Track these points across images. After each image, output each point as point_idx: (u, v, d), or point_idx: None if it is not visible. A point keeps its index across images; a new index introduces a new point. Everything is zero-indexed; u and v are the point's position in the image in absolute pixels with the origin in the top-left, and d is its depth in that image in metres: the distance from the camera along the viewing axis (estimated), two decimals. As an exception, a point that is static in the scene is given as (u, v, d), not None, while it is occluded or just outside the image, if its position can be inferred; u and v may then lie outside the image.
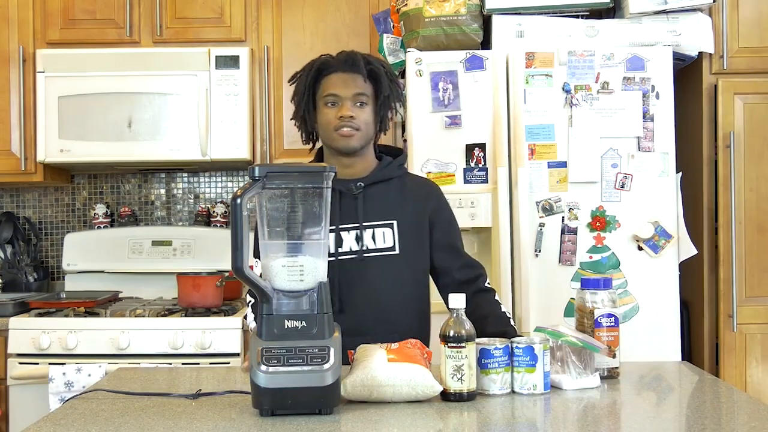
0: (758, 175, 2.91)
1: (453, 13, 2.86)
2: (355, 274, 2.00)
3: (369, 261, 2.01)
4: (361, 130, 2.01)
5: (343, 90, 2.01)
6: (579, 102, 2.74)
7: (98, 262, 3.46)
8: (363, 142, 2.04)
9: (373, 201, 2.04)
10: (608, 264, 2.74)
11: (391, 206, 2.05)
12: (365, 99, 2.02)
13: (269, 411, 1.51)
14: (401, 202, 2.06)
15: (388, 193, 2.06)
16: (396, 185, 2.08)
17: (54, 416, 1.54)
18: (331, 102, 2.02)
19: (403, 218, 2.05)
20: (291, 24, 3.33)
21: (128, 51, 3.25)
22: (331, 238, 1.99)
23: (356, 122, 2.00)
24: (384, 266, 2.02)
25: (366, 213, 2.03)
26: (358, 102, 2.01)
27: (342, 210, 2.02)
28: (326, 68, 2.05)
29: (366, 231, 2.02)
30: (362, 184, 2.04)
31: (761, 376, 2.88)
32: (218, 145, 3.21)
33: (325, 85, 2.04)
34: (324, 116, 2.03)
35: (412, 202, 2.08)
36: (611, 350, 1.80)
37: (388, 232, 2.03)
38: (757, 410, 1.56)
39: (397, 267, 2.03)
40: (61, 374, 2.77)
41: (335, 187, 2.00)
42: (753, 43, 2.96)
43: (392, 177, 2.08)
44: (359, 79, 2.02)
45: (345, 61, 2.03)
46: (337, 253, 2.00)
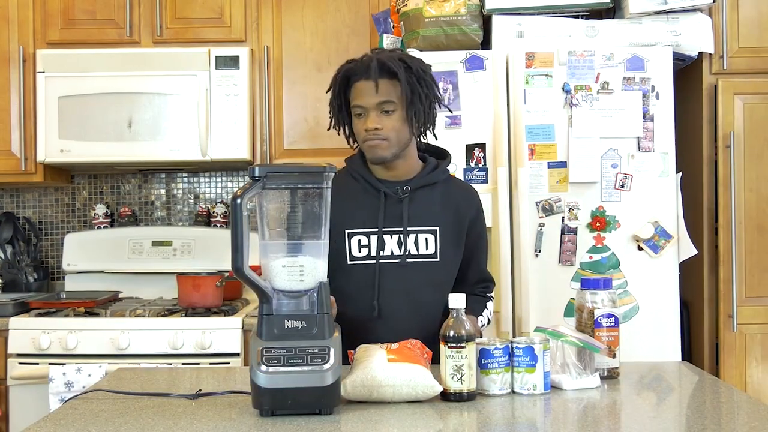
0: (758, 175, 2.91)
1: (453, 13, 2.86)
2: (396, 279, 1.97)
3: (411, 267, 1.98)
4: (390, 140, 1.95)
5: (366, 100, 1.94)
6: (579, 102, 2.74)
7: (98, 262, 3.46)
8: (394, 150, 1.97)
9: (417, 205, 2.01)
10: (608, 264, 2.74)
11: (435, 212, 2.02)
12: (391, 106, 1.94)
13: (269, 411, 1.51)
14: (444, 208, 2.03)
15: (432, 198, 2.03)
16: (440, 190, 2.05)
17: (54, 416, 1.54)
18: (358, 113, 1.97)
19: (445, 225, 2.02)
20: (291, 24, 3.33)
21: (128, 51, 3.24)
22: (373, 240, 1.98)
23: (382, 133, 1.94)
24: (425, 273, 1.99)
25: (410, 217, 1.99)
26: (382, 110, 1.94)
27: (386, 212, 1.99)
28: (352, 75, 1.98)
29: (409, 236, 1.99)
30: (408, 188, 2.00)
31: (761, 376, 2.88)
32: (218, 145, 3.20)
33: (352, 94, 1.98)
34: (354, 126, 1.99)
35: (455, 209, 2.05)
36: (611, 350, 1.80)
37: (431, 239, 2.01)
38: (757, 410, 1.56)
39: (437, 274, 2.01)
40: (61, 374, 2.76)
41: (380, 188, 2.00)
42: (753, 43, 2.96)
43: (438, 181, 2.05)
44: (379, 85, 1.94)
45: (367, 69, 1.95)
46: (379, 256, 1.98)
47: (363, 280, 1.98)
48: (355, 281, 1.99)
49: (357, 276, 1.98)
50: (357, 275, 1.98)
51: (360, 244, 1.99)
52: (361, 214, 2.00)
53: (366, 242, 1.99)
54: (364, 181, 2.03)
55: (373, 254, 1.98)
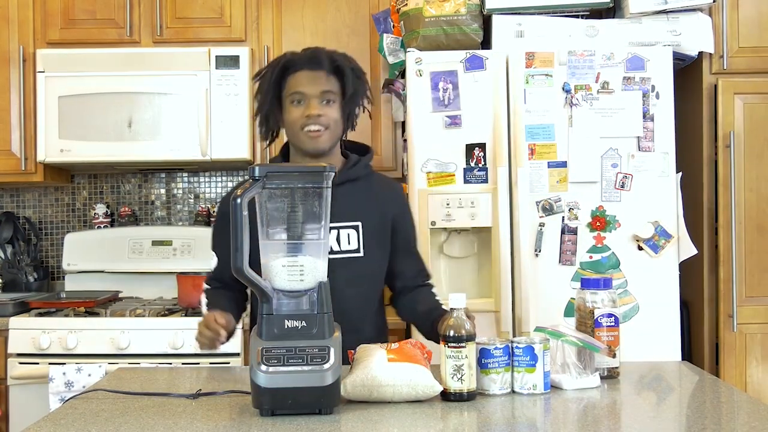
0: (758, 175, 2.91)
1: (453, 13, 2.86)
2: None
3: (333, 263, 1.92)
4: (330, 129, 1.97)
5: (309, 88, 1.95)
6: (579, 102, 2.74)
7: (98, 262, 3.45)
8: (331, 142, 1.99)
9: (339, 201, 1.95)
10: (608, 264, 2.74)
11: (357, 207, 2.01)
12: (332, 96, 1.97)
13: (269, 411, 1.51)
14: (367, 203, 2.03)
15: (354, 194, 2.02)
16: (362, 185, 2.04)
17: (54, 416, 1.54)
18: (297, 100, 1.96)
19: (368, 220, 2.01)
20: (291, 24, 3.33)
21: (128, 51, 3.24)
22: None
23: (323, 120, 1.95)
24: (348, 269, 1.97)
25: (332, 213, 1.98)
26: (324, 100, 1.96)
27: None
28: (291, 66, 1.99)
29: (331, 231, 1.96)
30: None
31: (761, 376, 2.88)
32: (218, 145, 3.20)
33: (290, 83, 1.98)
34: (290, 114, 1.98)
35: (378, 203, 2.04)
36: (611, 350, 1.80)
37: (353, 234, 2.00)
38: (757, 410, 1.56)
39: (360, 269, 2.00)
40: (61, 374, 2.77)
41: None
42: (753, 43, 2.96)
43: (359, 177, 2.04)
44: (324, 76, 1.97)
45: (310, 59, 1.98)
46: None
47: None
48: None
49: None
50: None
51: None
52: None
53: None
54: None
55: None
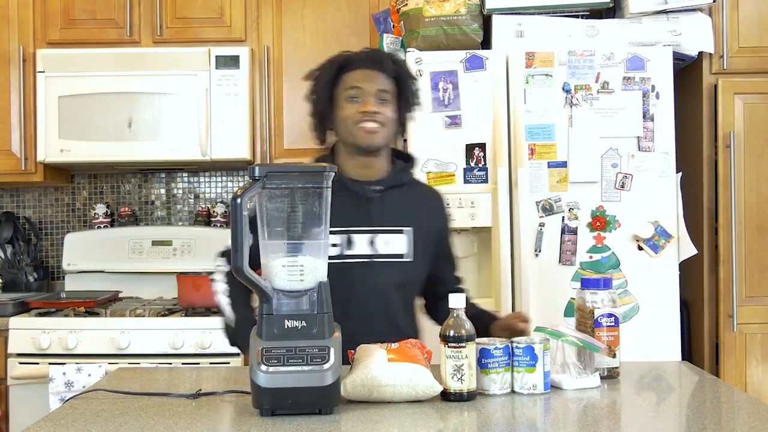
0: (758, 175, 2.91)
1: (453, 13, 2.86)
2: (364, 278, 1.95)
3: (380, 266, 1.96)
4: (385, 127, 1.95)
5: (367, 84, 1.94)
6: (579, 102, 2.74)
7: (98, 262, 3.46)
8: (386, 140, 1.97)
9: (388, 205, 1.99)
10: (608, 264, 2.74)
11: (406, 212, 2.00)
12: (388, 97, 1.96)
13: (269, 411, 1.51)
14: (416, 208, 2.03)
15: (403, 199, 2.02)
16: (410, 191, 2.04)
17: (54, 416, 1.54)
18: (353, 96, 1.94)
19: (417, 225, 2.01)
20: (291, 24, 3.33)
21: (128, 51, 3.24)
22: (342, 239, 1.95)
23: (380, 117, 1.93)
24: (395, 272, 1.98)
25: (381, 217, 1.98)
26: (380, 99, 1.94)
27: (356, 212, 1.96)
28: (349, 64, 1.98)
29: (379, 235, 1.97)
30: (379, 188, 1.98)
31: (761, 376, 2.88)
32: (218, 145, 3.20)
33: (346, 80, 1.96)
34: (344, 111, 1.95)
35: (426, 211, 2.05)
36: (611, 350, 1.80)
37: (402, 239, 1.99)
38: (757, 410, 1.56)
39: (407, 273, 2.00)
40: (61, 374, 2.76)
41: (350, 187, 1.97)
42: (753, 43, 2.96)
43: (405, 183, 2.04)
44: (383, 76, 1.95)
45: (369, 58, 1.97)
46: (344, 255, 1.95)
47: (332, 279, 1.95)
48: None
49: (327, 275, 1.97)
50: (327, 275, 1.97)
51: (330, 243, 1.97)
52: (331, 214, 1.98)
53: (337, 241, 1.96)
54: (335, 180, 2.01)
55: (341, 253, 1.95)
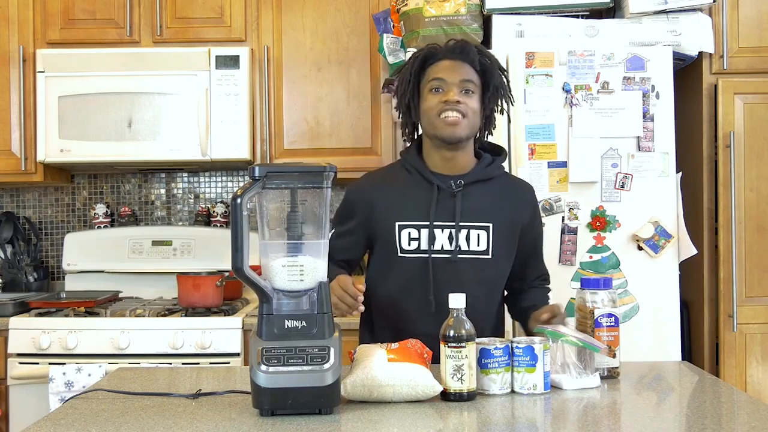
0: (758, 175, 2.91)
1: (453, 13, 2.86)
2: (447, 274, 1.95)
3: (462, 262, 1.95)
4: (468, 118, 1.92)
5: (450, 75, 1.92)
6: (579, 102, 2.74)
7: (98, 262, 3.46)
8: (469, 132, 1.94)
9: (471, 200, 1.97)
10: (608, 264, 2.74)
11: (488, 208, 1.98)
12: (473, 87, 1.93)
13: (269, 411, 1.51)
14: (499, 204, 2.00)
15: (486, 194, 1.99)
16: (495, 186, 2.01)
17: (54, 416, 1.54)
18: (436, 87, 1.93)
19: (498, 221, 1.99)
20: (291, 24, 3.33)
21: (128, 51, 3.24)
22: (424, 234, 1.96)
23: (462, 107, 1.90)
24: (476, 269, 1.97)
25: (463, 212, 1.96)
26: (464, 89, 1.92)
27: (438, 206, 1.96)
28: (433, 56, 1.96)
29: (461, 231, 1.96)
30: (462, 182, 1.97)
31: (761, 376, 2.88)
32: (218, 145, 3.20)
33: (431, 71, 1.95)
34: (428, 102, 1.94)
35: (510, 205, 2.02)
36: (611, 350, 1.80)
37: (483, 235, 1.97)
38: (757, 410, 1.56)
39: (488, 271, 1.99)
40: (61, 374, 2.76)
41: (433, 181, 1.97)
42: (753, 43, 2.96)
43: (492, 177, 2.01)
44: (468, 67, 1.93)
45: (454, 49, 1.95)
46: (430, 251, 1.95)
47: (414, 274, 1.97)
48: (406, 274, 1.97)
49: (408, 269, 1.97)
50: (407, 268, 1.97)
51: (410, 236, 1.97)
52: (413, 207, 1.98)
53: (416, 235, 1.96)
54: (418, 174, 2.00)
55: (424, 248, 1.95)
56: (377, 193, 2.03)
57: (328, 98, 3.31)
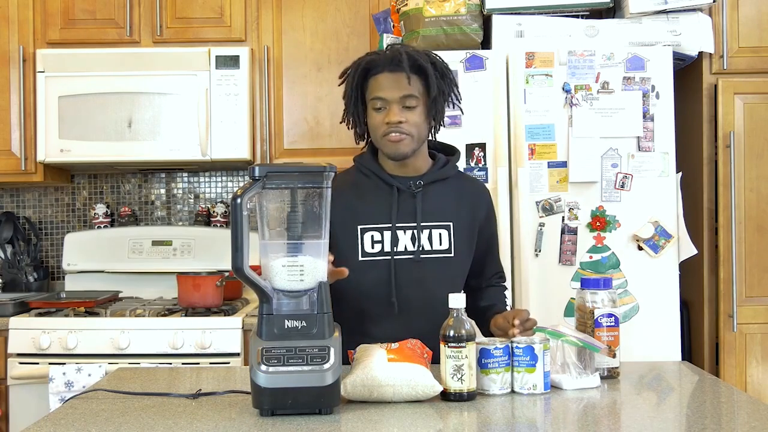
0: (758, 175, 2.91)
1: (453, 13, 2.86)
2: (411, 275, 1.96)
3: (425, 262, 1.97)
4: (411, 135, 1.93)
5: (390, 92, 1.92)
6: (579, 102, 2.74)
7: (98, 262, 3.46)
8: (415, 146, 1.96)
9: (430, 200, 2.00)
10: (608, 264, 2.74)
11: (448, 207, 2.01)
12: (414, 101, 1.93)
13: (269, 411, 1.51)
14: (457, 203, 2.03)
15: (445, 194, 2.02)
16: (452, 185, 2.04)
17: (54, 416, 1.54)
18: (378, 107, 1.94)
19: (458, 220, 2.01)
20: (291, 24, 3.33)
21: (128, 51, 3.24)
22: (387, 236, 1.97)
23: (405, 127, 1.92)
24: (440, 268, 1.98)
25: (424, 212, 1.98)
26: (405, 105, 1.92)
27: (400, 208, 1.97)
28: (372, 67, 1.96)
29: (423, 231, 1.98)
30: (421, 183, 1.99)
31: (761, 376, 2.88)
32: (218, 145, 3.20)
33: (372, 86, 1.95)
34: (372, 120, 1.96)
35: (468, 204, 2.04)
36: (611, 350, 1.80)
37: (444, 234, 1.99)
38: (757, 410, 1.56)
39: (451, 269, 2.00)
40: (61, 374, 2.76)
41: (392, 183, 1.99)
42: (753, 43, 2.96)
43: (448, 177, 2.04)
44: (404, 78, 1.92)
45: (391, 60, 1.93)
46: (393, 252, 1.96)
47: (377, 276, 1.97)
48: (368, 277, 1.97)
49: (370, 272, 1.97)
50: (370, 271, 1.97)
51: (373, 239, 1.98)
52: (374, 210, 1.99)
53: (379, 238, 1.97)
54: (376, 177, 2.02)
55: (387, 250, 1.96)
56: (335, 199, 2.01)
57: (328, 98, 3.31)
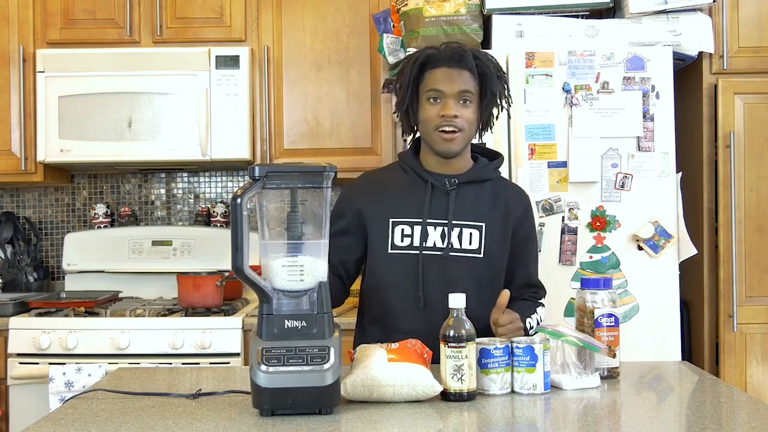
0: (758, 175, 2.91)
1: (453, 13, 2.86)
2: (438, 271, 1.96)
3: (453, 260, 1.97)
4: (464, 131, 1.94)
5: (448, 86, 1.92)
6: (579, 102, 2.74)
7: (98, 262, 3.46)
8: (464, 144, 1.97)
9: (464, 200, 2.00)
10: (608, 264, 2.74)
11: (481, 208, 2.01)
12: (470, 96, 1.94)
13: (269, 411, 1.51)
14: (492, 205, 2.02)
15: (480, 195, 2.02)
16: (489, 188, 2.04)
17: (54, 416, 1.54)
18: (434, 98, 1.94)
19: (492, 222, 2.01)
20: (291, 24, 3.33)
21: (128, 51, 3.24)
22: (417, 230, 1.98)
23: (459, 122, 1.93)
24: (467, 267, 1.98)
25: (456, 211, 1.99)
26: (462, 99, 1.93)
27: (432, 204, 1.99)
28: (431, 61, 1.96)
29: (454, 229, 1.98)
30: (456, 181, 1.99)
31: (761, 376, 2.88)
32: (218, 145, 3.20)
33: (429, 79, 1.96)
34: (425, 112, 1.96)
35: (503, 207, 2.04)
36: (611, 350, 1.80)
37: (475, 234, 1.99)
38: (757, 410, 1.56)
39: (479, 270, 2.00)
40: (61, 374, 2.76)
41: (427, 179, 2.00)
42: (753, 43, 2.96)
43: (486, 179, 2.04)
44: (465, 74, 1.93)
45: (452, 56, 1.94)
46: (422, 247, 1.97)
47: (404, 270, 1.98)
48: (396, 270, 1.99)
49: (398, 265, 1.98)
50: (398, 264, 1.98)
51: (403, 233, 1.99)
52: (407, 204, 2.00)
53: (409, 232, 1.99)
54: (413, 173, 2.04)
55: (416, 244, 1.97)
56: (371, 192, 2.06)
57: (328, 98, 3.31)
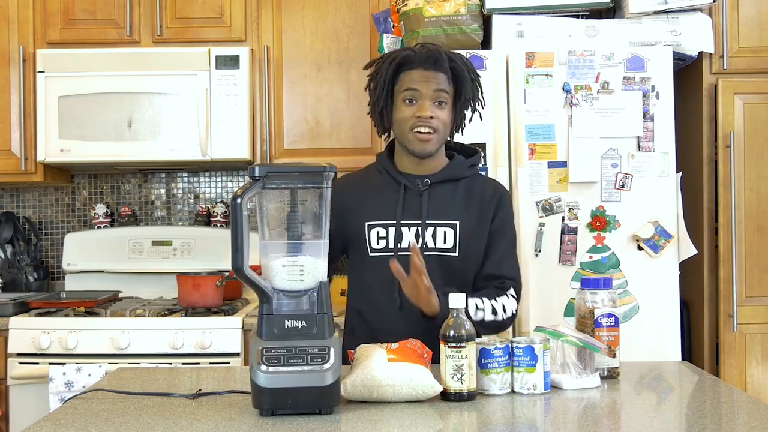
0: (758, 175, 2.91)
1: (453, 13, 2.86)
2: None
3: (429, 260, 1.94)
4: (439, 132, 1.96)
5: (424, 87, 1.94)
6: (579, 102, 2.74)
7: (98, 262, 3.46)
8: (438, 145, 1.99)
9: (437, 199, 2.01)
10: (608, 264, 2.74)
11: (455, 206, 2.01)
12: (445, 98, 1.96)
13: (269, 411, 1.51)
14: (466, 203, 2.02)
15: (454, 193, 2.02)
16: (464, 186, 2.04)
17: (54, 416, 1.54)
18: (410, 98, 1.95)
19: (466, 220, 2.01)
20: (291, 24, 3.33)
21: (128, 51, 3.24)
22: (391, 232, 1.99)
23: (434, 123, 1.94)
24: (443, 266, 1.98)
25: (429, 211, 1.99)
26: (437, 101, 1.95)
27: (405, 205, 1.99)
28: (407, 63, 1.97)
29: (428, 229, 1.99)
30: (428, 181, 2.00)
31: (761, 376, 2.88)
32: (218, 145, 3.20)
33: (404, 80, 1.97)
34: (401, 113, 1.97)
35: (477, 205, 2.03)
36: (611, 350, 1.80)
37: (450, 233, 2.00)
38: (757, 410, 1.56)
39: (454, 268, 2.00)
40: (61, 374, 2.76)
41: (400, 180, 2.01)
42: (753, 43, 2.96)
43: (461, 177, 2.04)
44: (441, 76, 1.95)
45: (428, 58, 1.95)
46: (397, 249, 1.98)
47: (382, 272, 1.96)
48: (374, 273, 2.00)
49: (376, 268, 1.99)
50: (376, 267, 1.99)
51: (378, 235, 2.00)
52: (381, 206, 2.02)
53: (384, 234, 2.00)
54: (387, 174, 2.05)
55: (391, 246, 1.98)
56: (349, 195, 2.07)
57: (328, 98, 3.32)
